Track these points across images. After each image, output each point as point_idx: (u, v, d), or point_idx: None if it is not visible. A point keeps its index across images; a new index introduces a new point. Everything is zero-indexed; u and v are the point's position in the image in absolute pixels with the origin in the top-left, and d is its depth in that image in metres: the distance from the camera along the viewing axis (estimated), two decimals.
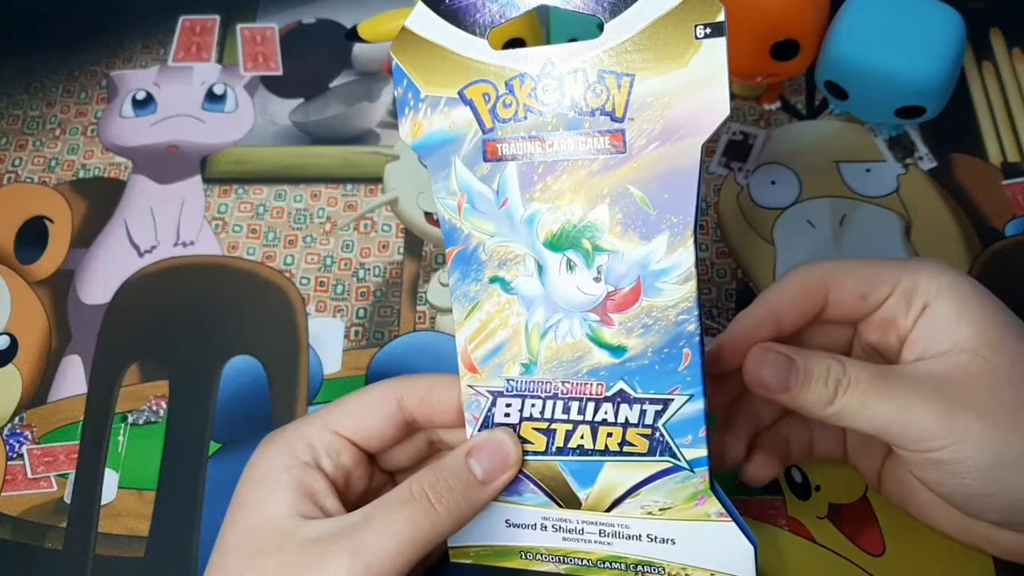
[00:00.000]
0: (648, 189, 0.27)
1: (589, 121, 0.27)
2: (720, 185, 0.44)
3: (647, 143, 0.27)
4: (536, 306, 0.29)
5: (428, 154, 0.29)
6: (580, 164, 0.28)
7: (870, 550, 0.36)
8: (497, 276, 0.29)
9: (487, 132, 0.28)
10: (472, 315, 0.30)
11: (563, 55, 0.27)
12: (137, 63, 0.49)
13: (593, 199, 0.28)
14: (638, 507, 0.30)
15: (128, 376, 0.40)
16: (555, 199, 0.28)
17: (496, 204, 0.29)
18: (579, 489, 0.30)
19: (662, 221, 0.27)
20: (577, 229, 0.28)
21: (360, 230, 0.44)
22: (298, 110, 0.47)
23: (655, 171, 0.27)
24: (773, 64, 0.41)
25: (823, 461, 0.36)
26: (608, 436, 0.29)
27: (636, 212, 0.27)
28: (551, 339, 0.29)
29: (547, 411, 0.30)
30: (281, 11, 0.50)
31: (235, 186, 0.45)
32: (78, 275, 0.43)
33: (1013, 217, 0.43)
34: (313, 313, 0.42)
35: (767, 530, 0.36)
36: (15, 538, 0.37)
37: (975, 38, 0.47)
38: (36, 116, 0.47)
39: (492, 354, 0.30)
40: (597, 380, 0.29)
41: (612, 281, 0.28)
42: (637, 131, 0.27)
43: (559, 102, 0.27)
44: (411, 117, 0.29)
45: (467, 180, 0.29)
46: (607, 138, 0.27)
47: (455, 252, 0.30)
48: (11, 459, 0.39)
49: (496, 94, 0.28)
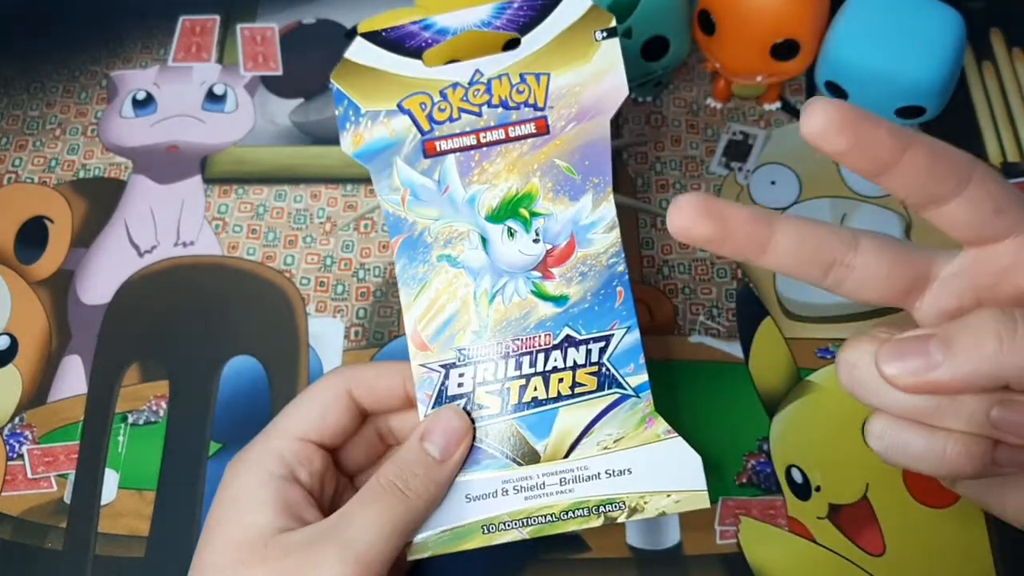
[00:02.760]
0: (571, 160, 0.33)
1: (516, 113, 0.33)
2: (720, 185, 0.44)
3: (566, 124, 0.33)
4: (483, 274, 0.33)
5: (369, 159, 0.33)
6: (511, 148, 0.33)
7: (870, 550, 0.36)
8: (444, 254, 0.33)
9: (425, 134, 0.33)
10: (421, 295, 0.33)
11: (489, 64, 0.33)
12: (137, 63, 0.49)
13: (526, 174, 0.33)
14: (594, 445, 0.32)
15: (128, 376, 0.40)
16: (492, 179, 0.33)
17: (438, 192, 0.33)
18: (536, 442, 0.32)
19: (586, 183, 0.33)
20: (514, 200, 0.33)
21: (360, 230, 0.44)
22: (298, 110, 0.47)
23: (575, 145, 0.33)
24: (773, 64, 0.41)
25: (811, 453, 0.36)
26: (560, 382, 0.32)
27: (563, 179, 0.33)
28: (499, 302, 0.33)
29: (499, 371, 0.32)
30: (281, 11, 0.50)
31: (235, 186, 0.45)
32: (78, 275, 0.43)
33: None
34: (313, 313, 0.42)
35: (767, 530, 0.36)
36: (15, 538, 0.37)
37: (975, 38, 0.47)
38: (36, 116, 0.47)
39: (443, 328, 0.33)
40: (544, 331, 0.32)
41: (549, 240, 0.33)
42: (557, 115, 0.33)
43: (488, 102, 0.33)
44: (352, 131, 0.33)
45: (409, 175, 0.33)
46: (532, 124, 0.33)
47: (400, 240, 0.33)
48: (11, 459, 0.39)
49: (432, 102, 0.33)
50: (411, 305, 0.33)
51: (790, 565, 0.36)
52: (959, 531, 0.36)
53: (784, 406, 0.38)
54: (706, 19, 0.41)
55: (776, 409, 0.38)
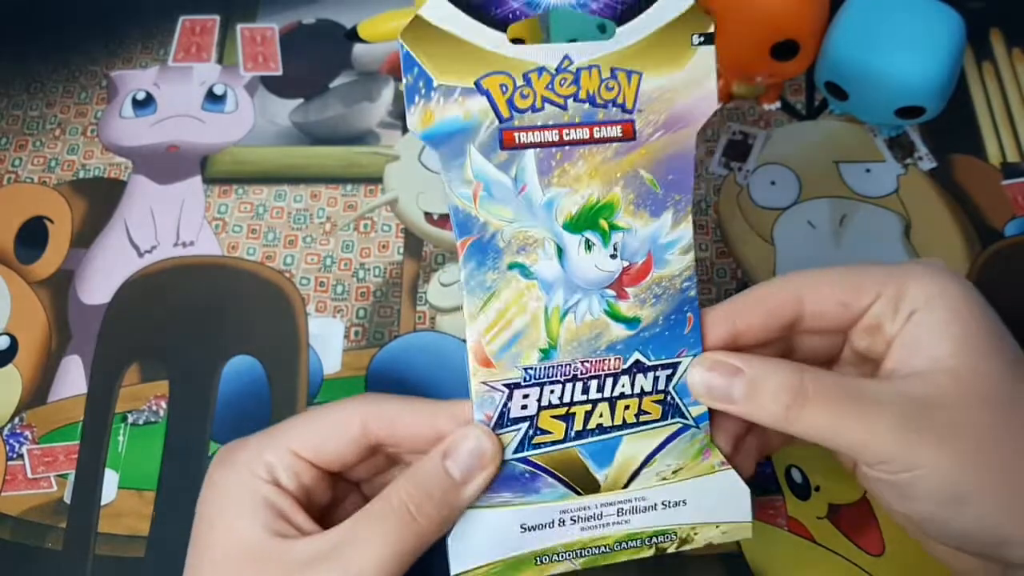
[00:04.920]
0: (656, 172, 0.30)
1: (603, 112, 0.30)
2: (720, 185, 0.44)
3: (653, 132, 0.30)
4: (556, 289, 0.30)
5: (439, 143, 0.29)
6: (595, 151, 0.30)
7: (870, 550, 0.36)
8: (516, 262, 0.30)
9: (504, 121, 0.29)
10: (489, 305, 0.30)
11: (579, 52, 0.29)
12: (137, 63, 0.49)
13: (608, 182, 0.30)
14: (654, 475, 0.31)
15: (128, 376, 0.40)
16: (572, 183, 0.30)
17: (514, 191, 0.29)
18: (598, 471, 0.30)
19: (667, 199, 0.30)
20: (595, 210, 0.30)
21: (360, 230, 0.44)
22: (298, 110, 0.47)
23: (661, 156, 0.30)
24: (773, 64, 0.41)
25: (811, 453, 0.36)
26: (626, 409, 0.30)
27: (646, 192, 0.30)
28: (570, 320, 0.30)
29: (566, 395, 0.30)
30: (281, 11, 0.50)
31: (235, 186, 0.45)
32: (78, 275, 0.43)
33: (1013, 217, 0.43)
34: (313, 313, 0.42)
35: (767, 530, 0.36)
36: (15, 538, 0.37)
37: (975, 38, 0.47)
38: (36, 116, 0.47)
39: (509, 344, 0.30)
40: (615, 355, 0.30)
41: (627, 256, 0.30)
42: (645, 121, 0.30)
43: (575, 94, 0.29)
44: (422, 106, 0.29)
45: (483, 168, 0.29)
46: (619, 127, 0.30)
47: (469, 242, 0.29)
48: (11, 459, 0.39)
49: (514, 85, 0.29)
50: (476, 316, 0.29)
51: (790, 565, 0.36)
52: None
53: None
54: None
55: None
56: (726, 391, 0.28)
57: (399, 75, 0.47)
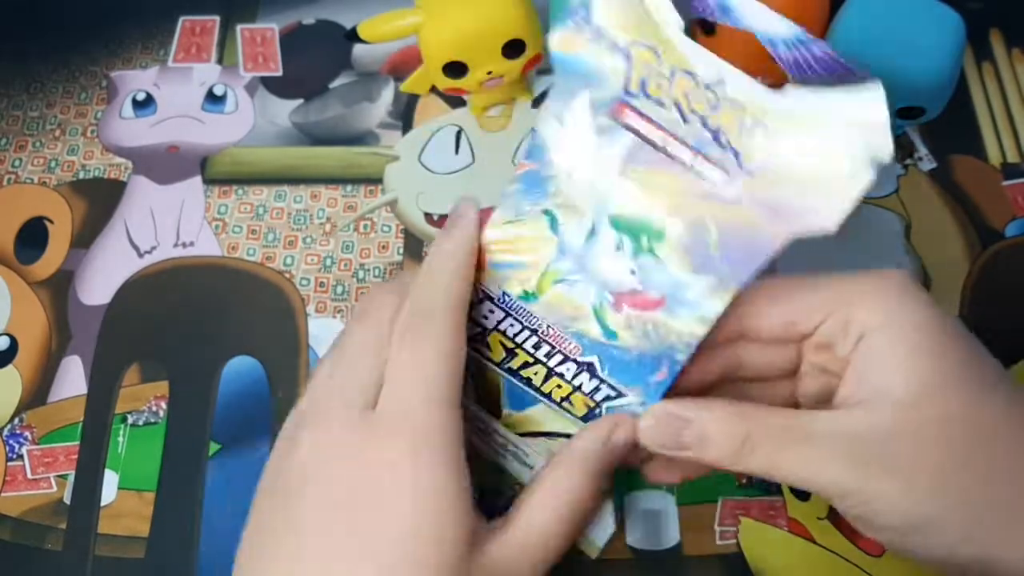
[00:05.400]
0: (724, 236, 0.28)
1: (718, 152, 0.27)
2: None
3: (751, 202, 0.27)
4: (566, 257, 0.30)
5: (563, 70, 0.28)
6: (683, 176, 0.28)
7: (870, 551, 0.36)
8: (552, 212, 0.30)
9: (627, 94, 0.28)
10: (510, 226, 0.30)
11: (737, 84, 0.27)
12: (137, 64, 0.49)
13: (676, 211, 0.28)
14: (544, 446, 0.32)
15: (128, 376, 0.40)
16: (644, 188, 0.28)
17: (592, 155, 0.28)
18: (506, 407, 0.32)
19: (718, 268, 0.28)
20: (645, 227, 0.29)
21: (360, 231, 0.44)
22: (298, 111, 0.47)
23: (740, 227, 0.27)
24: (773, 65, 0.41)
25: None
26: (557, 387, 0.31)
27: (702, 247, 0.28)
28: (562, 289, 0.30)
29: (520, 337, 0.31)
30: (281, 12, 0.50)
31: (235, 187, 0.45)
32: (78, 276, 0.43)
33: (1013, 218, 0.43)
34: (313, 314, 0.42)
35: (767, 530, 0.36)
36: (15, 539, 0.37)
37: (975, 38, 0.47)
38: (36, 117, 0.47)
39: (504, 266, 0.31)
40: (577, 343, 0.30)
41: (643, 282, 0.29)
42: (750, 186, 0.27)
43: (705, 120, 0.27)
44: (572, 30, 0.27)
45: (582, 119, 0.28)
46: (723, 174, 0.27)
47: (528, 168, 0.29)
48: (11, 460, 0.39)
49: (658, 70, 0.27)
50: (498, 226, 0.30)
51: (790, 566, 0.36)
52: None
53: None
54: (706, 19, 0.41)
55: None
56: (677, 442, 0.28)
57: (399, 75, 0.47)
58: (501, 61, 0.41)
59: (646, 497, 0.37)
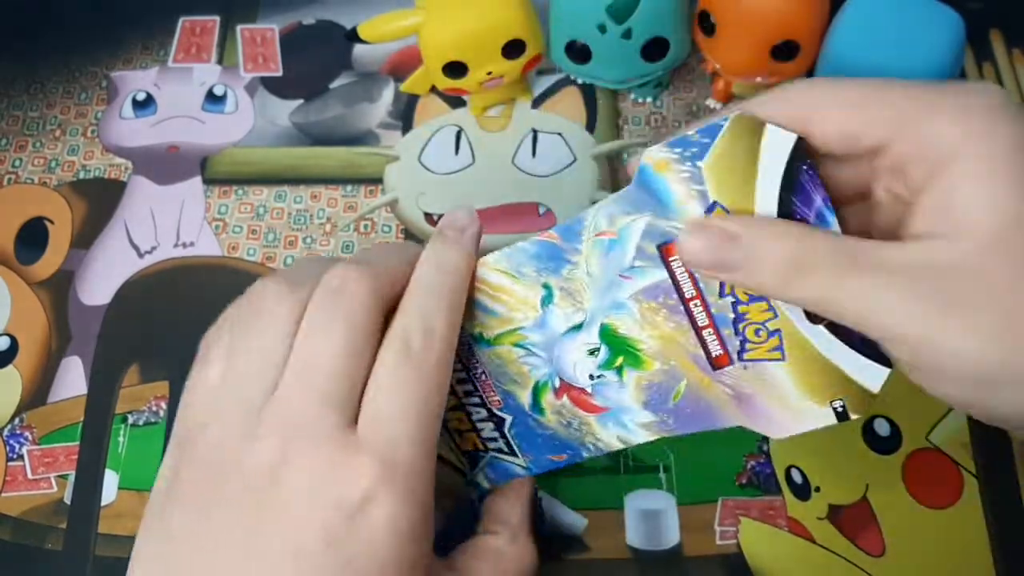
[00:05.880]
0: (688, 396, 0.29)
1: (731, 336, 0.28)
2: None
3: (729, 384, 0.29)
4: (541, 332, 0.31)
5: (642, 184, 0.28)
6: (687, 334, 0.29)
7: (870, 551, 0.36)
8: (551, 287, 0.30)
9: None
10: (503, 276, 0.30)
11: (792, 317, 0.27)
12: (137, 64, 0.49)
13: (661, 355, 0.29)
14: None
15: (128, 376, 0.40)
16: (647, 323, 0.29)
17: (618, 268, 0.29)
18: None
19: (665, 413, 0.30)
20: (629, 348, 0.30)
21: (360, 231, 0.44)
22: (298, 111, 0.47)
23: (707, 398, 0.29)
24: (773, 65, 0.41)
25: (812, 453, 0.36)
26: (458, 419, 0.32)
27: (665, 392, 0.30)
28: (518, 352, 0.31)
29: (457, 376, 0.32)
30: (281, 12, 0.50)
31: (235, 187, 0.45)
32: (78, 276, 0.43)
33: None
34: None
35: (767, 530, 0.36)
36: (15, 539, 0.37)
37: (975, 39, 0.47)
38: (36, 117, 0.47)
39: (478, 305, 0.31)
40: (502, 398, 0.32)
41: (596, 390, 0.30)
42: (737, 375, 0.28)
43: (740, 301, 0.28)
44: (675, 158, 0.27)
45: (632, 236, 0.29)
46: (721, 350, 0.28)
47: (552, 240, 0.30)
48: (11, 460, 0.39)
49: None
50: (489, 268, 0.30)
51: (790, 566, 0.36)
52: (959, 531, 0.36)
53: None
54: (706, 20, 0.41)
55: None
56: (721, 260, 0.26)
57: (399, 75, 0.47)
58: (501, 61, 0.41)
59: (646, 497, 0.37)
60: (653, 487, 0.37)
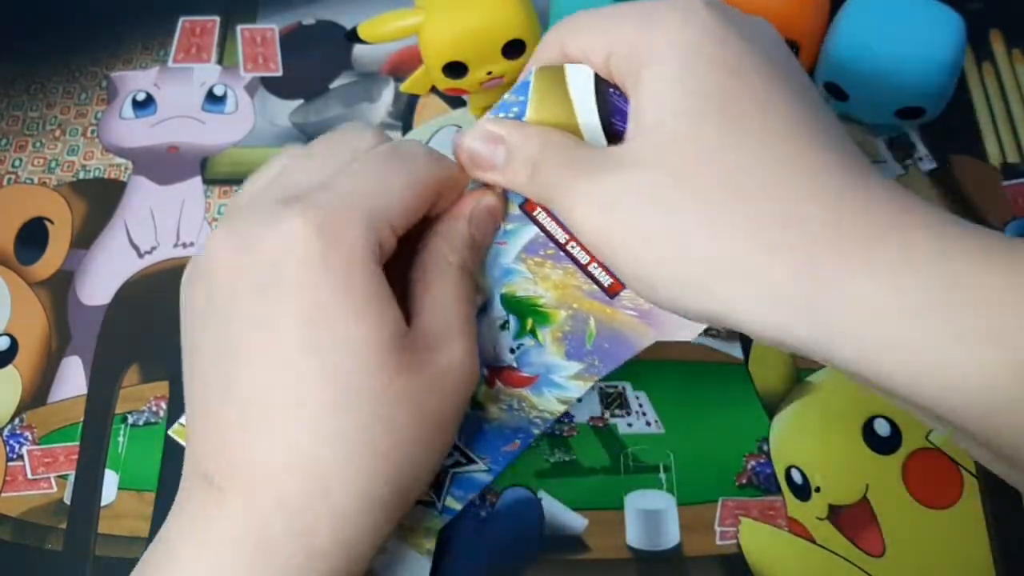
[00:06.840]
0: (601, 332, 0.31)
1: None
2: None
3: (630, 307, 0.31)
4: None
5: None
6: (577, 276, 0.31)
7: (870, 551, 0.36)
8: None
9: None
10: None
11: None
12: (137, 64, 0.49)
13: (563, 303, 0.31)
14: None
15: (128, 376, 0.40)
16: (539, 278, 0.31)
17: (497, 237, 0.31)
18: None
19: (588, 357, 0.31)
20: (534, 310, 0.31)
21: None
22: (298, 111, 0.47)
23: (616, 327, 0.31)
24: None
25: (812, 453, 0.36)
26: None
27: (579, 337, 0.31)
28: None
29: None
30: (281, 12, 0.50)
31: (235, 187, 0.45)
32: (78, 276, 0.43)
33: (1012, 218, 0.43)
34: None
35: (767, 530, 0.36)
36: (15, 539, 0.37)
37: (975, 39, 0.47)
38: (36, 117, 0.47)
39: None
40: None
41: (520, 361, 0.31)
42: (632, 296, 0.30)
43: None
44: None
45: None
46: (612, 280, 0.30)
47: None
48: (11, 460, 0.39)
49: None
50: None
51: (790, 566, 0.36)
52: (959, 531, 0.36)
53: (784, 407, 0.38)
54: None
55: (776, 410, 0.38)
56: (488, 158, 0.29)
57: (399, 76, 0.47)
58: (501, 61, 0.41)
59: (646, 497, 0.37)
60: (653, 487, 0.37)
